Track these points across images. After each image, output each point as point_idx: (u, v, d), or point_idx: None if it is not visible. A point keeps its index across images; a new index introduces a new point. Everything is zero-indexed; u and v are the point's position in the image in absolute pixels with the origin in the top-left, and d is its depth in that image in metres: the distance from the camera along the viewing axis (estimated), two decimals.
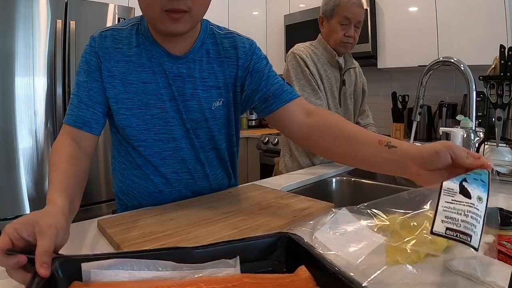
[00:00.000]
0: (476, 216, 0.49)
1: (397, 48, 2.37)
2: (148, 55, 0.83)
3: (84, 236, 0.72)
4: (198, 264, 0.47)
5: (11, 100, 1.83)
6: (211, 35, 0.89)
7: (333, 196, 1.29)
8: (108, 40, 0.83)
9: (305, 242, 0.51)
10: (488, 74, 1.19)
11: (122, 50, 0.82)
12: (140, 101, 0.84)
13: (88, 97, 0.81)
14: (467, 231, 0.47)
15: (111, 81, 0.82)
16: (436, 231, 0.49)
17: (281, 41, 3.05)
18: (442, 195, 0.52)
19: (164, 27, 0.74)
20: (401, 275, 0.54)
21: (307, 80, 1.39)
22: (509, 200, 0.93)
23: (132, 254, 0.46)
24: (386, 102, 2.65)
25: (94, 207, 2.11)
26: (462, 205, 0.50)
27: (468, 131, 0.89)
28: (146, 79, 0.83)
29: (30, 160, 1.90)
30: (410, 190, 0.60)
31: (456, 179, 0.54)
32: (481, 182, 0.54)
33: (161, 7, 0.70)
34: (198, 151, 0.92)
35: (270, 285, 0.45)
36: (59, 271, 0.44)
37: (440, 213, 0.50)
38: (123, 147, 0.92)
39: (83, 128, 0.80)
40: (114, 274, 0.44)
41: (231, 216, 0.77)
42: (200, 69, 0.86)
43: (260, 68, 0.90)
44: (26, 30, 1.85)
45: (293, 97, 0.87)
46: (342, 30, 1.39)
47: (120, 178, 0.97)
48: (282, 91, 0.87)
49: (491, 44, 1.77)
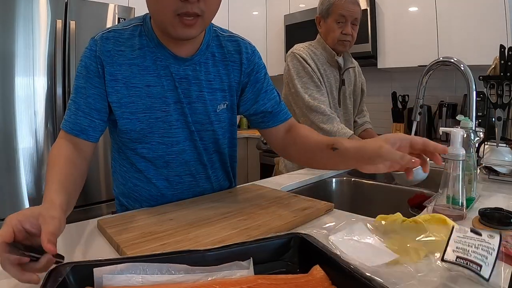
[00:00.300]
0: (487, 249, 0.50)
1: (397, 48, 2.37)
2: (153, 58, 0.81)
3: (84, 236, 0.71)
4: (211, 266, 0.46)
5: (11, 100, 1.83)
6: (216, 37, 0.89)
7: (333, 196, 1.29)
8: (110, 42, 0.80)
9: (319, 242, 0.51)
10: (488, 74, 1.19)
11: (125, 53, 0.80)
12: (145, 104, 0.82)
13: (86, 104, 0.79)
14: (477, 261, 0.48)
15: (114, 85, 0.80)
16: (446, 259, 0.50)
17: (281, 41, 3.05)
18: (454, 231, 0.55)
19: (175, 32, 0.72)
20: (401, 274, 0.53)
21: (310, 77, 1.39)
22: (509, 200, 0.93)
23: (144, 258, 0.45)
24: (386, 102, 2.65)
25: (94, 207, 2.11)
26: (473, 240, 0.52)
27: (468, 131, 0.88)
28: (150, 82, 0.82)
29: (30, 160, 1.90)
30: None
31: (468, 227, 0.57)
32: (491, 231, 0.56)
33: (174, 11, 0.69)
34: (201, 154, 0.91)
35: (286, 286, 0.44)
36: (71, 277, 0.43)
37: (451, 244, 0.52)
38: (124, 150, 0.90)
39: (80, 136, 0.79)
40: (127, 279, 0.43)
41: (231, 216, 0.77)
42: (206, 71, 0.86)
43: (260, 78, 0.93)
44: (26, 30, 1.84)
45: (287, 118, 0.95)
46: (339, 28, 1.39)
47: (121, 181, 0.96)
48: (279, 110, 0.94)
49: (491, 44, 1.77)
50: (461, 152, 0.78)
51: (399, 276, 0.53)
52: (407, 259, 0.59)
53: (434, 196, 0.86)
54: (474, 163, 0.90)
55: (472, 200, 0.88)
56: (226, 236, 0.66)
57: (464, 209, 0.78)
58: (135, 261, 0.45)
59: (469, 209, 0.83)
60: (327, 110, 1.35)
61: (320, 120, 1.35)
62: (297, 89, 1.39)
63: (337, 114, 1.50)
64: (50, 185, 0.64)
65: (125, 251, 0.60)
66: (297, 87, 1.39)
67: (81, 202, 2.07)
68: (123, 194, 0.97)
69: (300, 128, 0.94)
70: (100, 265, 0.44)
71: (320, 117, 1.35)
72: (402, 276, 0.53)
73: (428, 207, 0.84)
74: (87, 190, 2.10)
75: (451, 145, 0.79)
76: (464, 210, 0.78)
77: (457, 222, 0.71)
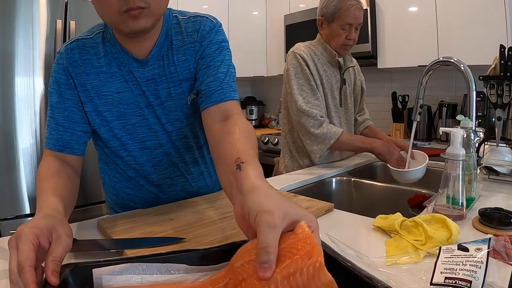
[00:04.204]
0: (475, 263, 0.50)
1: (397, 48, 2.36)
2: (118, 64, 0.79)
3: (84, 236, 0.71)
4: (210, 266, 0.46)
5: (11, 100, 1.83)
6: (176, 24, 0.82)
7: (333, 196, 1.29)
8: (75, 52, 0.78)
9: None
10: (488, 74, 1.18)
11: (91, 61, 0.78)
12: (119, 112, 0.81)
13: (64, 118, 0.78)
14: (466, 278, 0.48)
15: (86, 95, 0.79)
16: (435, 282, 0.50)
17: (281, 41, 3.05)
18: (441, 253, 0.55)
19: (127, 27, 0.69)
20: (400, 273, 0.54)
21: (306, 80, 1.39)
22: (509, 200, 0.93)
23: (143, 258, 0.45)
24: (386, 102, 2.65)
25: (94, 207, 2.11)
26: (461, 258, 0.52)
27: (468, 131, 0.88)
28: (120, 88, 0.80)
29: (30, 160, 1.90)
30: None
31: (454, 244, 0.57)
32: (481, 241, 0.56)
33: (118, 9, 0.66)
34: (186, 151, 0.89)
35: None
36: (70, 278, 0.43)
37: (439, 266, 0.52)
38: (111, 160, 0.88)
39: (64, 151, 0.78)
40: (126, 280, 0.43)
41: (231, 216, 0.77)
42: (168, 63, 0.81)
43: (207, 54, 0.81)
44: (26, 30, 1.84)
45: (223, 99, 0.75)
46: (344, 34, 1.39)
47: (113, 191, 0.95)
48: (217, 90, 0.76)
49: (491, 44, 1.77)
50: (461, 152, 0.78)
51: (399, 276, 0.53)
52: (407, 259, 0.59)
53: (434, 196, 0.86)
54: (474, 163, 0.90)
55: (472, 200, 0.88)
56: (226, 236, 0.66)
57: (464, 209, 0.78)
58: (135, 261, 0.44)
59: (469, 209, 0.83)
60: (318, 114, 1.35)
61: (310, 125, 1.35)
62: (293, 90, 1.39)
63: (338, 114, 1.50)
64: (48, 191, 0.62)
65: (125, 251, 0.60)
66: (293, 88, 1.39)
67: (81, 202, 2.07)
68: (117, 204, 0.96)
69: (235, 121, 0.70)
70: (99, 266, 0.43)
71: (311, 121, 1.35)
72: (402, 276, 0.53)
73: (428, 207, 0.84)
74: (87, 190, 2.10)
75: (451, 145, 0.79)
76: (464, 210, 0.78)
77: (457, 222, 0.71)
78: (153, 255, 0.46)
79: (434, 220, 0.70)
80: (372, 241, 0.70)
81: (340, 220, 0.82)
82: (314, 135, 1.35)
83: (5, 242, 0.67)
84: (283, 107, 1.52)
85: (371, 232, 0.73)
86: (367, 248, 0.65)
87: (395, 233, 0.69)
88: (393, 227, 0.69)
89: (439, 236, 0.63)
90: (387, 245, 0.66)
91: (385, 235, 0.71)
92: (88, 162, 2.09)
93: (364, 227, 0.76)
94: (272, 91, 3.74)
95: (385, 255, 0.61)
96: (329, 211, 0.86)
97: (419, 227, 0.67)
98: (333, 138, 1.34)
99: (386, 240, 0.68)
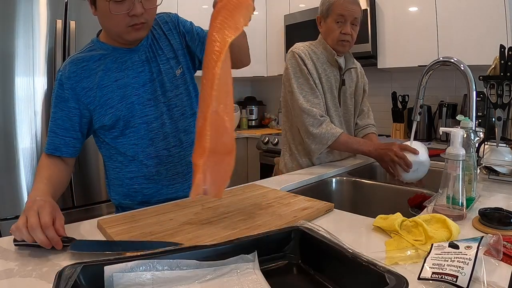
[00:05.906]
0: (464, 260, 0.51)
1: (397, 48, 2.36)
2: (113, 59, 0.96)
3: (84, 236, 0.71)
4: (219, 260, 0.48)
5: (11, 100, 1.83)
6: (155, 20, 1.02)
7: (333, 196, 1.29)
8: (72, 65, 0.94)
9: (318, 233, 0.54)
10: (488, 74, 1.18)
11: (88, 65, 0.94)
12: (118, 95, 0.96)
13: (56, 126, 0.94)
14: (452, 273, 0.49)
15: (90, 95, 0.94)
16: (422, 276, 0.51)
17: (281, 41, 3.05)
18: (432, 249, 0.56)
19: (130, 36, 0.91)
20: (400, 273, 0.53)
21: (305, 79, 1.40)
22: (509, 200, 0.93)
23: (153, 255, 0.46)
24: (386, 102, 2.65)
25: (94, 207, 2.11)
26: (450, 254, 0.53)
27: (468, 131, 0.88)
28: (117, 77, 0.96)
29: (30, 160, 1.90)
30: None
31: (446, 242, 0.58)
32: (472, 239, 0.57)
33: (126, 24, 0.88)
34: (179, 120, 1.03)
35: None
36: (81, 278, 0.43)
37: (428, 262, 0.53)
38: (113, 153, 1.02)
39: (55, 153, 0.93)
40: (137, 276, 0.44)
41: (231, 216, 0.77)
42: (154, 48, 1.01)
43: (187, 29, 1.06)
44: (26, 30, 1.84)
45: None
46: (338, 28, 1.39)
47: (117, 182, 1.04)
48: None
49: (491, 44, 1.77)
50: (461, 152, 0.78)
51: None
52: (406, 259, 0.59)
53: (434, 196, 0.86)
54: (474, 163, 0.90)
55: (472, 200, 0.88)
56: (226, 236, 0.66)
57: (464, 209, 0.78)
58: (144, 258, 0.45)
59: (469, 209, 0.83)
60: (318, 114, 1.35)
61: (310, 123, 1.35)
62: (293, 89, 1.39)
63: (338, 114, 1.50)
64: (42, 181, 0.82)
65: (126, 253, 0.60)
66: (294, 87, 1.40)
67: (81, 202, 2.07)
68: (123, 195, 1.03)
69: None
70: (110, 264, 0.44)
71: (311, 120, 1.35)
72: None
73: (428, 207, 0.84)
74: (87, 190, 2.10)
75: (451, 145, 0.79)
76: (464, 210, 0.78)
77: (457, 222, 0.71)
78: (163, 251, 0.47)
79: (434, 220, 0.70)
80: (372, 241, 0.70)
81: (340, 220, 0.82)
82: (312, 134, 1.36)
83: (5, 242, 0.68)
84: (283, 105, 1.53)
85: (371, 232, 0.73)
86: (367, 248, 0.65)
87: (395, 233, 0.69)
88: (393, 227, 0.69)
89: (439, 236, 0.63)
90: (387, 245, 0.66)
91: (385, 235, 0.71)
92: (88, 163, 2.10)
93: (364, 227, 0.76)
94: (272, 91, 3.74)
95: (385, 255, 0.61)
96: (329, 211, 0.86)
97: (419, 227, 0.67)
98: (331, 139, 1.34)
99: (386, 240, 0.68)
